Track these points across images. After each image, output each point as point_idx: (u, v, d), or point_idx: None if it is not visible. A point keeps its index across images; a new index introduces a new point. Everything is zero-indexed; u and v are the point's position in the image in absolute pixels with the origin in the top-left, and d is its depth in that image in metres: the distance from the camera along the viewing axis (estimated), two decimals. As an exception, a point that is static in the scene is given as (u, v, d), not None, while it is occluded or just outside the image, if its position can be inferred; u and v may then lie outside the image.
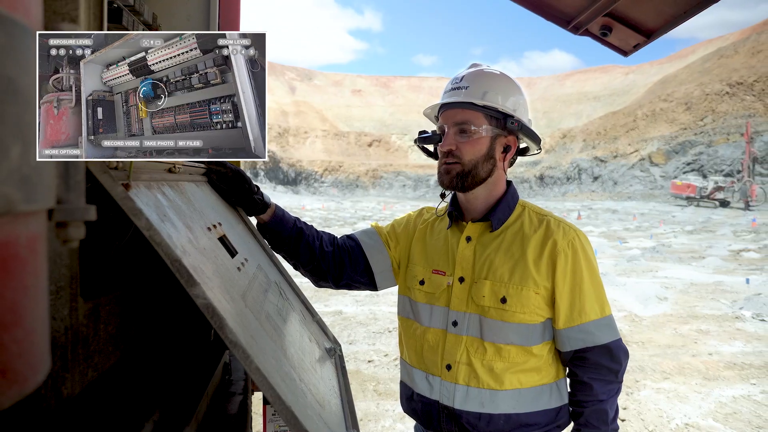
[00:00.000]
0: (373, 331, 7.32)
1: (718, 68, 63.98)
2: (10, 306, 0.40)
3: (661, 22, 2.05)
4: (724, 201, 41.56)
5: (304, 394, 1.06)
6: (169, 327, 1.28)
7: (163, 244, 0.79)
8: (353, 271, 1.78)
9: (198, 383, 1.12)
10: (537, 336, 1.55)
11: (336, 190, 70.38)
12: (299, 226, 1.71)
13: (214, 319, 0.80)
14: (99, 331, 0.86)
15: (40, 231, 0.45)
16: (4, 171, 0.39)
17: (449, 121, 1.59)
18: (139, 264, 1.24)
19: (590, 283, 1.54)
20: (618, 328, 1.60)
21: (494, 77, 1.61)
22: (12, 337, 0.40)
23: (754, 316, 8.14)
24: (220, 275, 1.03)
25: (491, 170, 1.59)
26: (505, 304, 1.52)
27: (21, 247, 0.42)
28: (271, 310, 1.28)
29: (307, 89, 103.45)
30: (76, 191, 0.51)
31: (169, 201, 1.05)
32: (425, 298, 1.67)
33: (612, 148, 63.05)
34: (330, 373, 1.50)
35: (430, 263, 1.70)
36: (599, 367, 1.54)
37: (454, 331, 1.58)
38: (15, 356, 0.41)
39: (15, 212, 0.40)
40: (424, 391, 1.64)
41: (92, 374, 0.83)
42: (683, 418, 4.77)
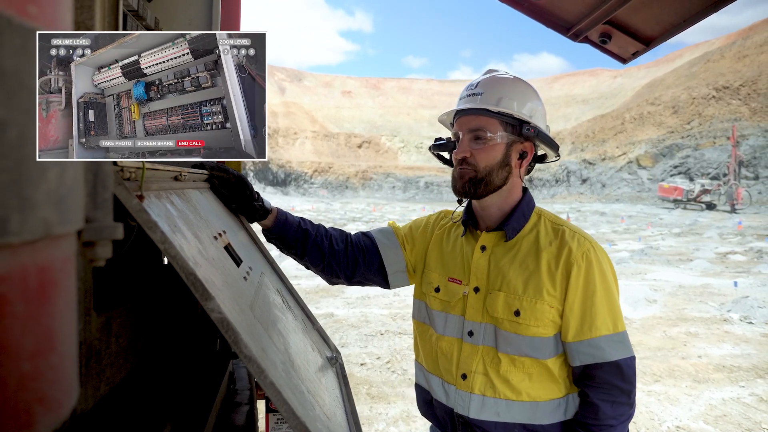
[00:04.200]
0: (365, 334, 7.31)
1: (704, 72, 64.72)
2: (46, 333, 0.39)
3: (660, 30, 2.07)
4: (710, 204, 42.03)
5: (313, 407, 1.05)
6: (176, 337, 1.26)
7: (178, 257, 0.78)
8: (367, 269, 1.76)
9: (206, 394, 1.11)
10: (551, 349, 1.51)
11: (325, 191, 70.23)
12: (304, 228, 1.69)
13: (229, 333, 0.79)
14: (111, 345, 0.84)
15: (71, 253, 0.44)
16: (42, 193, 0.38)
17: (464, 127, 1.56)
18: (144, 273, 1.22)
19: (603, 296, 1.48)
20: (632, 347, 1.51)
21: (509, 83, 1.59)
22: (48, 363, 0.39)
23: (741, 319, 8.23)
24: (229, 286, 1.02)
25: (506, 177, 1.56)
26: (518, 317, 1.49)
27: (56, 270, 0.41)
28: (275, 319, 1.27)
29: (297, 90, 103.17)
30: (104, 209, 0.50)
31: (178, 211, 1.03)
32: (440, 306, 1.65)
33: (600, 150, 63.57)
34: (333, 382, 1.49)
35: (446, 271, 1.68)
36: (609, 386, 1.46)
37: (470, 341, 1.56)
38: (51, 383, 0.40)
39: (52, 236, 0.39)
40: (441, 398, 1.62)
41: (104, 389, 0.82)
42: (674, 420, 4.81)
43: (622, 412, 1.46)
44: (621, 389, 1.46)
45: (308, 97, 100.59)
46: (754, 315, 8.25)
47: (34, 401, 0.37)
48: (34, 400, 0.37)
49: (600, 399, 1.46)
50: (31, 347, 0.37)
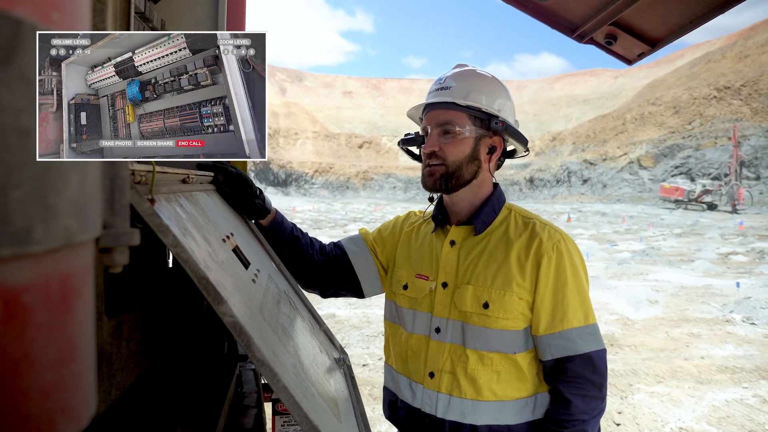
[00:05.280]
0: (366, 335, 7.30)
1: (705, 73, 64.70)
2: (68, 342, 0.39)
3: (666, 32, 2.06)
4: (711, 204, 42.03)
5: (324, 410, 1.04)
6: (185, 340, 1.26)
7: (190, 261, 0.78)
8: (339, 279, 1.76)
9: (215, 397, 1.10)
10: (520, 343, 1.48)
11: (326, 191, 70.26)
12: (296, 234, 1.71)
13: (242, 337, 0.78)
14: (122, 349, 0.84)
15: (90, 260, 0.44)
16: (64, 201, 0.38)
17: (432, 122, 1.55)
18: (151, 275, 1.22)
19: (575, 288, 1.46)
20: (603, 340, 1.49)
21: (478, 77, 1.57)
22: (71, 372, 0.39)
23: (744, 320, 8.22)
24: (239, 289, 1.01)
25: (476, 172, 1.55)
26: (487, 310, 1.46)
27: (77, 278, 0.40)
28: (284, 321, 1.26)
29: (298, 90, 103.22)
30: (122, 215, 0.50)
31: (187, 213, 1.03)
32: (408, 303, 1.64)
33: (601, 151, 63.55)
34: (341, 384, 1.49)
35: (413, 267, 1.67)
36: (581, 380, 1.44)
37: (437, 338, 1.54)
38: (72, 392, 0.39)
39: (73, 244, 0.39)
40: (407, 398, 1.60)
41: (115, 393, 0.81)
42: (677, 422, 4.80)
43: (594, 407, 1.44)
44: (593, 382, 1.44)
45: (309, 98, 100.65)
46: (757, 316, 8.23)
47: (56, 411, 0.37)
48: (57, 410, 0.37)
49: (572, 394, 1.43)
50: (53, 357, 0.37)
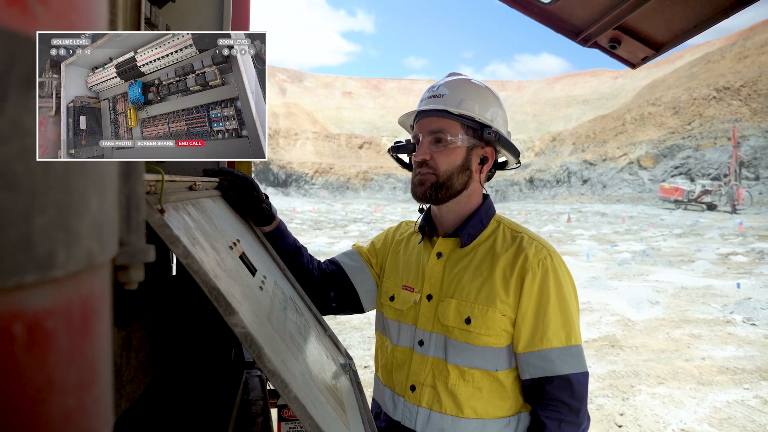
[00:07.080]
0: (368, 336, 7.30)
1: (705, 73, 64.74)
2: (89, 365, 0.38)
3: (670, 36, 2.06)
4: (711, 204, 42.07)
5: (333, 419, 1.04)
6: (191, 348, 1.25)
7: (201, 272, 0.77)
8: (338, 295, 1.73)
9: (224, 406, 1.10)
10: (503, 360, 1.44)
11: (326, 192, 70.26)
12: (298, 246, 1.69)
13: (253, 348, 0.78)
14: (131, 360, 0.83)
15: (108, 281, 0.43)
16: (85, 224, 0.37)
17: (424, 129, 1.51)
18: (157, 285, 1.22)
19: (557, 307, 1.41)
20: (586, 363, 1.43)
21: (472, 86, 1.54)
22: (91, 396, 0.39)
23: (744, 320, 8.22)
24: (247, 298, 1.01)
25: (467, 182, 1.51)
26: (469, 325, 1.42)
27: (96, 300, 0.40)
28: (292, 328, 1.26)
29: (298, 91, 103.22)
30: (137, 232, 0.50)
31: (195, 222, 1.03)
32: (394, 315, 1.61)
33: (601, 151, 63.57)
34: (348, 390, 1.48)
35: (400, 278, 1.64)
36: (558, 403, 1.38)
37: (420, 351, 1.51)
38: (92, 416, 0.39)
39: (94, 265, 0.38)
40: (389, 410, 1.57)
41: (125, 405, 0.81)
42: (679, 423, 4.80)
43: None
44: (570, 407, 1.38)
45: (309, 98, 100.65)
46: (757, 317, 8.23)
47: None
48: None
49: (547, 417, 1.39)
50: (75, 381, 0.36)
